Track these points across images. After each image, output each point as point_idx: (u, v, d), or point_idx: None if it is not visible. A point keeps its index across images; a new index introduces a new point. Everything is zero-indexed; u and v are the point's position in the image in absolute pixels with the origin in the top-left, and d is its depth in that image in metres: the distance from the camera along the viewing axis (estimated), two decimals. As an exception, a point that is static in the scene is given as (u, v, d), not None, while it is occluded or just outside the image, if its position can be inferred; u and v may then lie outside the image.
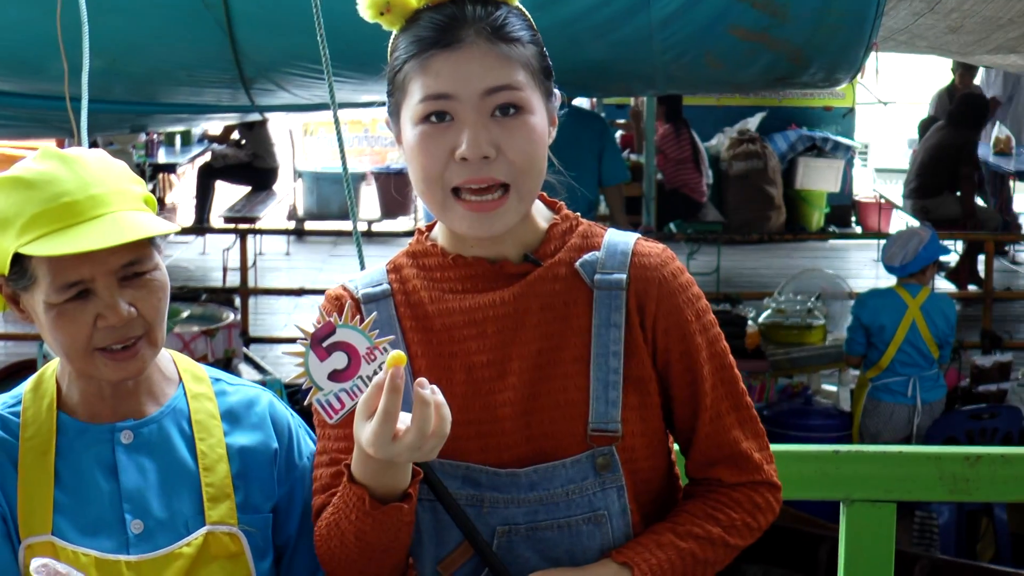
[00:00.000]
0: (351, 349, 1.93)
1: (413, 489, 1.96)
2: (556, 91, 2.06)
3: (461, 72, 1.94)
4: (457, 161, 1.95)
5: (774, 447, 2.20)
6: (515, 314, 2.04)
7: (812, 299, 7.84)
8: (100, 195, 2.04)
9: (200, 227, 12.81)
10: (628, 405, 2.03)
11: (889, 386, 6.61)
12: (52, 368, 2.19)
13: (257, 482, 2.18)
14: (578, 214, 2.15)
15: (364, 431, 1.87)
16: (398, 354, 1.87)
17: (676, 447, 2.17)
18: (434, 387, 1.88)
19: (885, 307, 6.64)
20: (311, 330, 1.94)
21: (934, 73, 16.16)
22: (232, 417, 2.20)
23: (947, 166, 11.12)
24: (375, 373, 1.92)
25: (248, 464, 2.17)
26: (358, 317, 1.94)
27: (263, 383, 6.49)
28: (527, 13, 2.05)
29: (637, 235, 2.12)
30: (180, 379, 2.21)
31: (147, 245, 2.08)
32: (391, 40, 2.05)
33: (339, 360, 1.93)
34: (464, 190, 1.97)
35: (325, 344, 1.93)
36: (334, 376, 1.93)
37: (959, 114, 11.28)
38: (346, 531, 1.99)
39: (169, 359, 2.23)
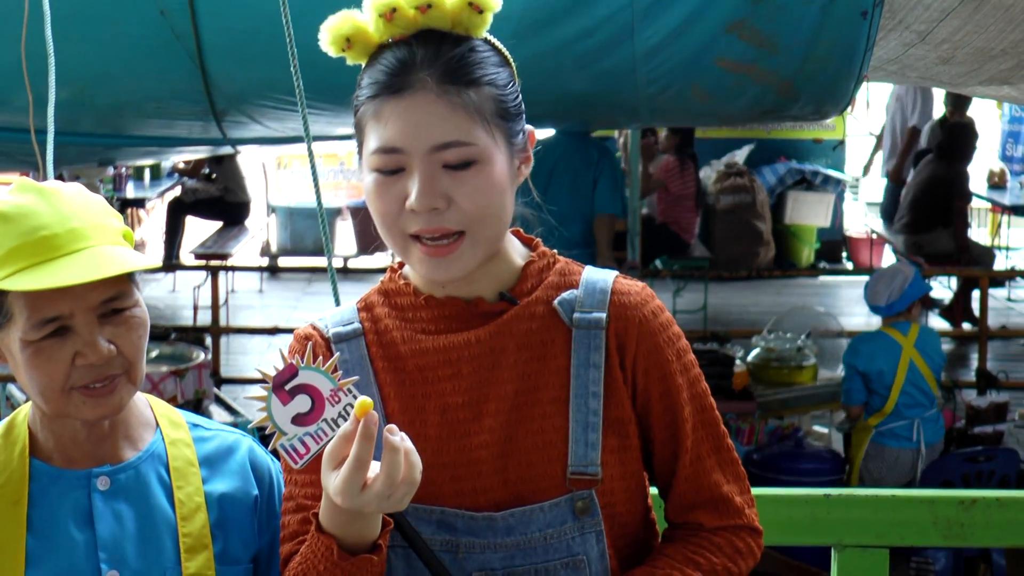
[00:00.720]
0: (315, 392, 1.93)
1: (383, 539, 1.95)
2: (526, 128, 2.05)
3: (410, 124, 1.94)
4: (408, 210, 1.95)
5: (763, 491, 2.21)
6: (491, 354, 2.05)
7: (802, 337, 7.84)
8: (79, 229, 2.03)
9: (170, 264, 12.78)
10: (607, 448, 2.03)
11: (894, 431, 6.61)
12: (24, 413, 2.17)
13: (236, 531, 2.16)
14: (555, 251, 2.15)
15: (332, 481, 1.86)
16: (365, 400, 1.86)
17: (653, 489, 2.17)
18: (403, 434, 1.87)
19: (879, 351, 6.65)
20: (273, 373, 1.93)
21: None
22: (211, 464, 2.19)
23: (939, 200, 11.17)
24: (340, 416, 1.91)
25: (227, 513, 2.16)
26: (321, 358, 1.93)
27: (235, 425, 6.47)
28: (496, 44, 2.04)
29: (616, 273, 2.13)
30: (157, 424, 2.20)
31: (127, 281, 2.08)
32: (359, 75, 2.05)
33: (302, 403, 1.93)
34: (421, 235, 1.97)
35: (288, 387, 1.93)
36: (298, 420, 1.92)
37: (947, 146, 11.34)
38: None
39: (145, 403, 2.22)
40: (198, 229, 13.81)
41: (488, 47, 2.02)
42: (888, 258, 13.65)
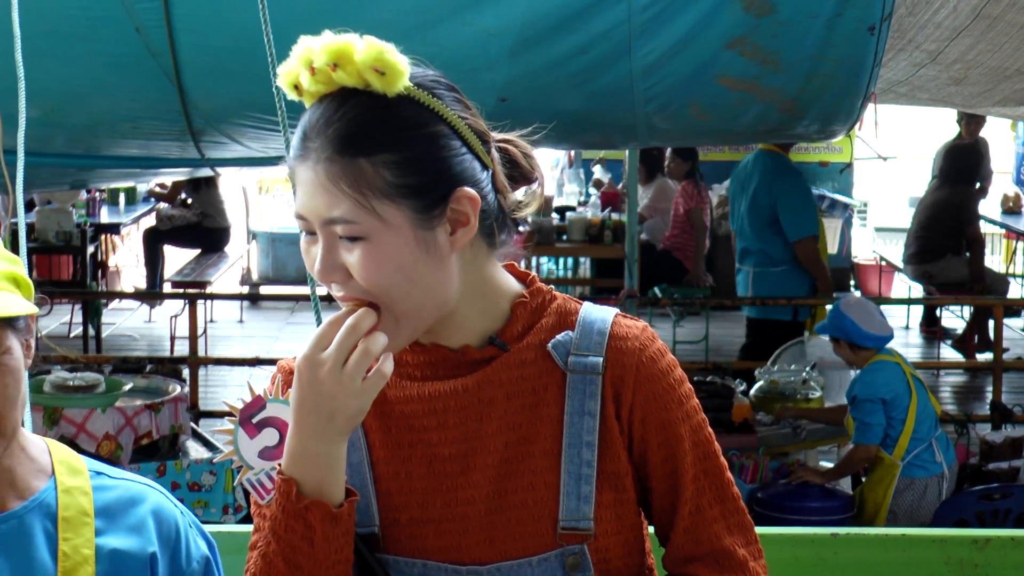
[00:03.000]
0: (282, 425, 1.92)
1: (349, 506, 1.93)
2: (457, 192, 1.95)
3: (306, 194, 1.94)
4: None
5: (768, 530, 2.19)
6: (478, 404, 2.02)
7: (807, 369, 7.84)
8: None
9: (142, 292, 12.78)
10: (602, 503, 2.01)
11: (921, 459, 6.60)
12: None
13: None
14: (551, 287, 2.12)
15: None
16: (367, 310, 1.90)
17: (651, 529, 2.14)
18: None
19: (893, 377, 6.64)
20: (240, 406, 1.92)
21: (939, 125, 16.26)
22: (108, 515, 2.13)
23: (948, 226, 11.18)
24: None
25: (118, 569, 2.10)
26: (289, 391, 1.92)
27: (212, 461, 6.46)
28: (422, 99, 1.95)
29: (615, 312, 2.09)
30: (53, 471, 2.15)
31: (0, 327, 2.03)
32: None
33: (270, 437, 1.92)
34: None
35: (255, 420, 1.92)
36: (265, 454, 1.92)
37: (953, 169, 11.37)
38: (274, 552, 1.94)
39: (44, 449, 2.17)
40: (176, 256, 13.80)
41: (410, 105, 1.94)
42: (899, 287, 13.66)
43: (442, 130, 1.95)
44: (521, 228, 2.12)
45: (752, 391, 7.63)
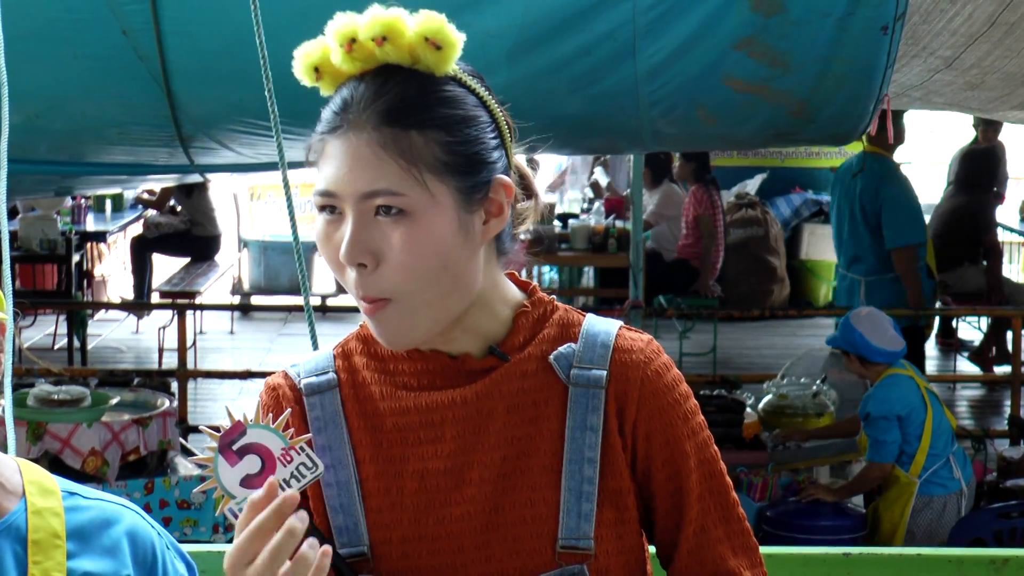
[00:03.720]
0: (264, 451, 1.91)
1: None
2: (495, 179, 1.99)
3: (343, 167, 1.92)
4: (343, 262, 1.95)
5: (777, 550, 2.19)
6: (477, 416, 2.01)
7: (819, 382, 7.84)
8: None
9: (130, 303, 12.78)
10: (603, 522, 2.00)
11: (939, 475, 6.59)
12: None
13: None
14: (553, 298, 2.12)
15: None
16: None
17: (652, 549, 2.14)
18: (325, 550, 1.85)
19: (907, 391, 6.64)
20: (219, 432, 1.92)
21: (955, 129, 16.27)
22: (81, 537, 2.12)
23: (964, 234, 11.19)
24: (292, 476, 1.90)
25: None
26: (271, 415, 1.92)
27: (202, 479, 6.45)
28: (469, 83, 2.00)
29: (619, 324, 2.09)
30: (24, 492, 2.14)
31: None
32: None
33: (251, 464, 1.91)
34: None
35: (236, 447, 1.91)
36: (247, 482, 1.91)
37: (967, 175, 11.37)
38: None
39: (15, 469, 2.16)
40: (164, 265, 13.81)
41: (456, 87, 1.98)
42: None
43: (485, 117, 1.99)
44: (521, 237, 2.13)
45: (760, 405, 7.63)
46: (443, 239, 1.93)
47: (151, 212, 13.63)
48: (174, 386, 8.35)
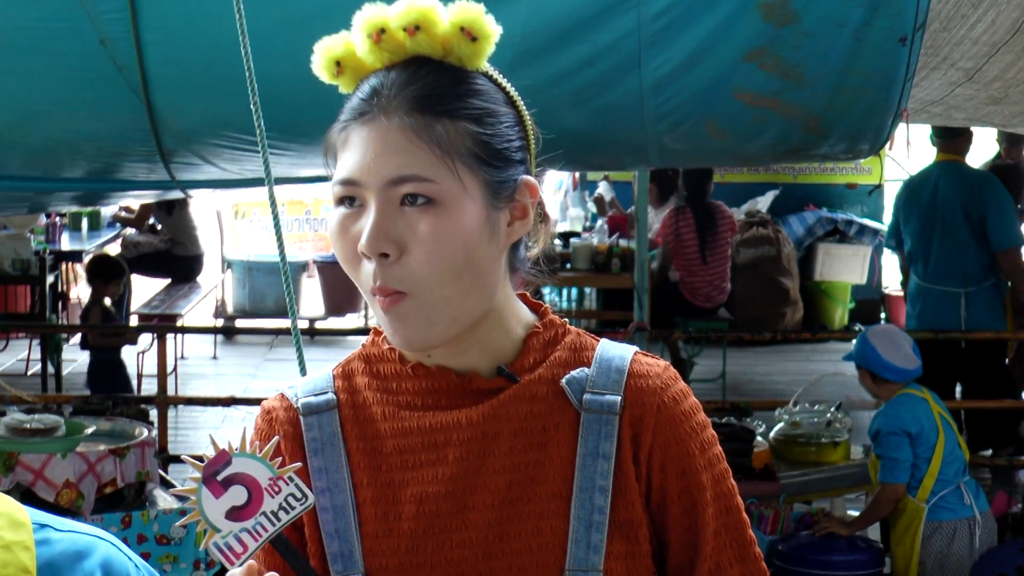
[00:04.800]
0: (251, 481, 1.91)
1: None
2: (521, 178, 2.02)
3: (369, 154, 1.94)
4: (362, 255, 1.95)
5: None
6: (482, 439, 2.01)
7: (833, 410, 7.83)
8: None
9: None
10: (613, 555, 1.99)
11: (947, 500, 6.59)
12: None
13: None
14: (565, 320, 2.12)
15: None
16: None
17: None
18: None
19: (918, 410, 6.64)
20: (203, 461, 1.91)
21: (977, 144, 16.26)
22: (52, 571, 2.07)
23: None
24: (281, 508, 1.90)
25: None
26: (257, 443, 1.92)
27: (182, 513, 6.44)
28: (498, 80, 2.04)
29: (634, 349, 2.09)
30: None
31: None
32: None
33: (237, 495, 1.90)
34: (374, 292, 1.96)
35: (220, 477, 1.91)
36: (233, 514, 1.90)
37: None
38: None
39: None
40: (144, 287, 13.81)
41: (486, 82, 2.02)
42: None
43: (514, 116, 2.03)
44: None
45: (771, 434, 7.62)
46: (471, 232, 1.94)
47: (129, 231, 13.62)
48: (153, 414, 8.34)
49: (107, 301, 10.42)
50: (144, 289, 13.73)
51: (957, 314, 9.05)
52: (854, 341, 7.04)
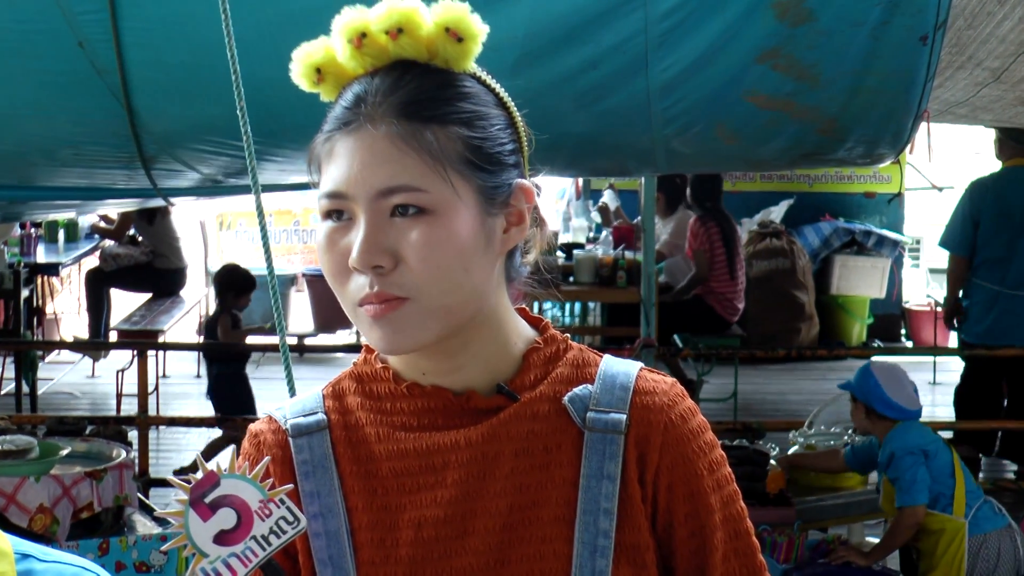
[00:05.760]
0: (240, 504, 1.91)
1: None
2: (516, 182, 2.03)
3: (356, 165, 1.94)
4: (352, 269, 1.95)
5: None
6: (482, 460, 2.01)
7: (850, 431, 7.83)
8: None
9: (84, 343, 12.75)
10: None
11: (983, 511, 6.59)
12: None
13: None
14: (567, 336, 2.13)
15: None
16: None
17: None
18: None
19: (926, 431, 6.65)
20: (190, 483, 1.91)
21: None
22: None
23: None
24: (272, 532, 1.90)
25: None
26: (246, 465, 1.92)
27: (164, 539, 6.43)
28: (487, 81, 2.04)
29: (639, 366, 2.09)
30: None
31: None
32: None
33: (226, 518, 1.90)
34: (363, 303, 1.96)
35: (208, 499, 1.91)
36: (221, 538, 1.90)
37: None
38: None
39: None
40: (123, 301, 13.80)
41: (475, 83, 2.02)
42: (955, 337, 13.65)
43: (505, 118, 2.03)
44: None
45: (786, 455, 7.61)
46: (466, 240, 1.95)
47: (108, 242, 13.61)
48: (133, 435, 8.33)
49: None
50: (124, 304, 13.72)
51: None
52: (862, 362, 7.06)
